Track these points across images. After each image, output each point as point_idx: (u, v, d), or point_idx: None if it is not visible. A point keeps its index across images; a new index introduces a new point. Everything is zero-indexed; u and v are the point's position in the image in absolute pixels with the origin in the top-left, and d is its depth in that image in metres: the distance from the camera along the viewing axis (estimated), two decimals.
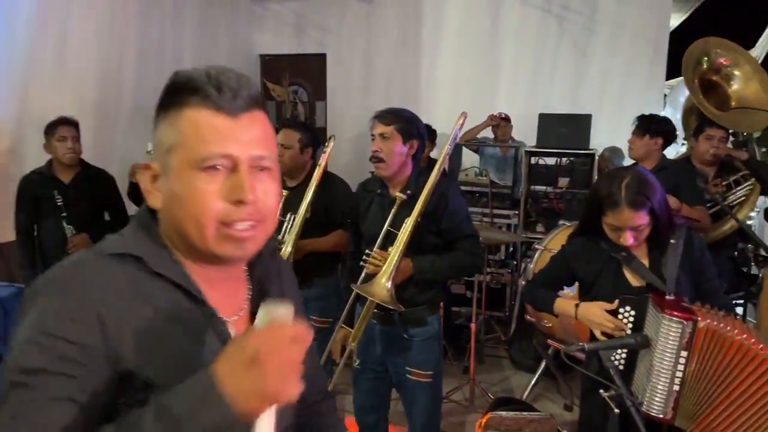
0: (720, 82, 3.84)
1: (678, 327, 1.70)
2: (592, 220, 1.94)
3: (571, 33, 5.46)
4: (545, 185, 4.72)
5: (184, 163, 0.83)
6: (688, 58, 3.70)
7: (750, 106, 3.71)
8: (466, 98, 5.42)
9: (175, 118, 0.84)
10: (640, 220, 1.82)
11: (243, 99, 0.84)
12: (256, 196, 0.83)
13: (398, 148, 2.21)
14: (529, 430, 2.84)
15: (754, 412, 1.66)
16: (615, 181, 1.85)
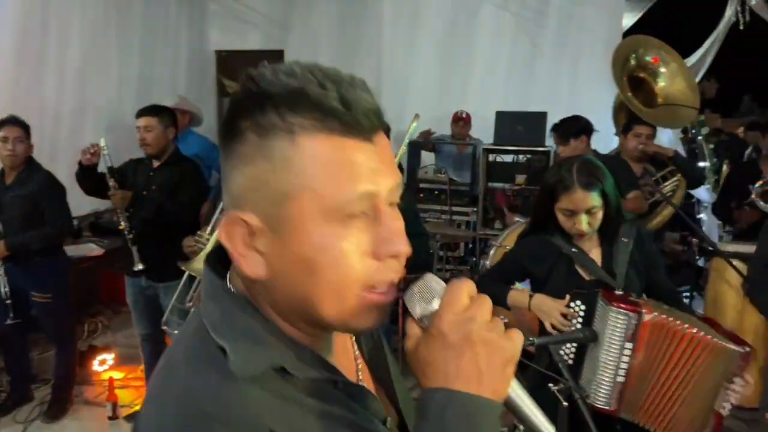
0: (647, 79, 3.93)
1: (624, 319, 1.72)
2: (545, 212, 1.95)
3: (528, 32, 5.53)
4: (503, 182, 4.77)
5: (316, 213, 0.59)
6: (617, 56, 3.78)
7: (676, 102, 3.81)
8: (424, 96, 5.43)
9: (281, 150, 0.59)
10: (592, 201, 1.84)
11: (373, 112, 0.61)
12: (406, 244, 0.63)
13: None
14: None
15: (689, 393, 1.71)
16: (565, 167, 1.88)
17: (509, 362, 0.61)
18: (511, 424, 2.81)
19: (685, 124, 4.11)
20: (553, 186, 1.88)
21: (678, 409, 1.73)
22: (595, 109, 4.01)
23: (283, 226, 0.60)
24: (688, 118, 3.95)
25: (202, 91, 5.89)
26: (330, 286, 0.61)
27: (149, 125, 3.07)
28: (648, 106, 3.73)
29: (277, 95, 0.59)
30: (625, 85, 3.75)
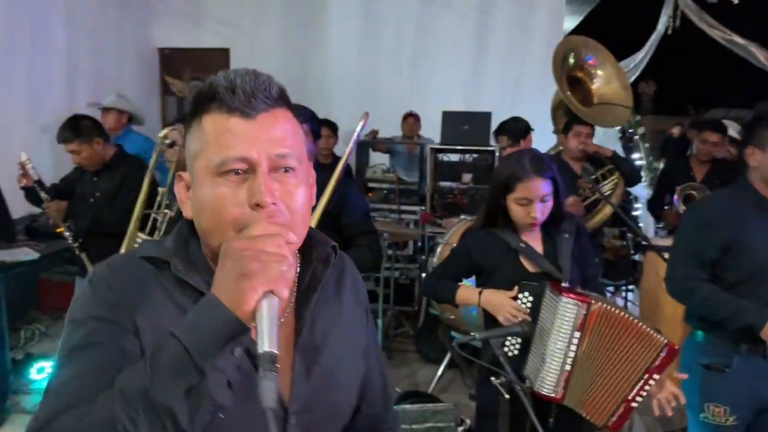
0: (584, 78, 4.06)
1: (574, 309, 1.79)
2: (497, 206, 1.99)
3: (473, 33, 5.64)
4: (451, 181, 4.83)
5: (205, 169, 0.82)
6: (557, 55, 3.89)
7: (610, 102, 3.95)
8: (373, 95, 5.46)
9: (196, 127, 0.84)
10: (546, 188, 1.92)
11: (260, 99, 0.82)
12: (276, 199, 0.80)
13: (311, 146, 2.20)
14: (433, 421, 2.90)
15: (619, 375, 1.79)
16: (516, 160, 1.96)
17: (245, 276, 0.72)
18: (458, 419, 2.87)
19: (620, 124, 4.28)
20: (507, 178, 1.94)
21: (607, 394, 1.81)
22: (538, 110, 4.12)
23: (193, 180, 0.85)
24: (623, 118, 4.10)
25: (146, 90, 5.74)
26: (212, 224, 0.82)
27: (74, 150, 3.01)
28: (585, 105, 3.86)
29: (202, 91, 0.85)
30: (564, 84, 3.86)
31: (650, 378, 1.79)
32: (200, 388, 0.70)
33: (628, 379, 1.79)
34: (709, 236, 2.01)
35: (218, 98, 0.82)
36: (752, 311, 1.92)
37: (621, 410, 1.82)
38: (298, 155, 0.85)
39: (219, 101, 0.82)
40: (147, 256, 0.87)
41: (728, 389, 2.01)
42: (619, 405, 1.82)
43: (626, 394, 1.80)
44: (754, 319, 1.90)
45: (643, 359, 1.77)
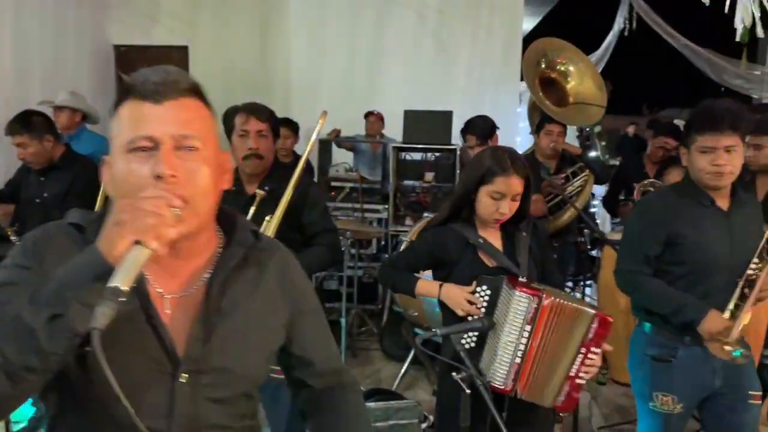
0: (558, 79, 4.15)
1: (526, 302, 1.83)
2: (465, 199, 2.02)
3: (434, 33, 5.69)
4: (413, 180, 4.86)
5: (119, 148, 0.94)
6: (528, 57, 3.97)
7: (585, 101, 4.05)
8: (335, 94, 5.45)
9: (116, 115, 0.97)
10: (520, 188, 1.96)
11: (168, 88, 0.94)
12: (176, 172, 0.90)
13: (272, 145, 2.21)
14: (396, 418, 2.91)
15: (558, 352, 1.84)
16: (495, 154, 1.99)
17: (117, 225, 0.83)
18: (421, 416, 2.90)
19: (594, 122, 4.39)
20: (486, 170, 1.95)
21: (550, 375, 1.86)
22: (498, 109, 4.20)
23: (111, 158, 0.97)
24: (597, 116, 4.20)
25: (101, 88, 5.59)
26: (122, 194, 0.92)
27: (22, 143, 2.91)
28: (560, 106, 3.94)
29: (125, 84, 0.97)
30: (537, 87, 3.93)
31: (588, 352, 1.83)
32: (65, 317, 0.81)
33: (568, 356, 1.84)
34: (653, 231, 2.08)
35: (134, 89, 0.94)
36: (693, 307, 1.98)
37: (566, 388, 1.87)
38: (202, 139, 0.95)
39: (134, 91, 0.94)
40: (72, 222, 1.00)
41: (674, 379, 2.08)
42: (562, 383, 1.86)
43: (567, 370, 1.85)
44: (694, 314, 1.97)
45: (578, 334, 1.82)
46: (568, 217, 3.58)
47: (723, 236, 2.01)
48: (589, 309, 1.84)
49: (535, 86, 3.89)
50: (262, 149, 2.15)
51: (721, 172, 1.96)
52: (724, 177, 1.97)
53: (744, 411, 2.08)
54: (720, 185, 2.00)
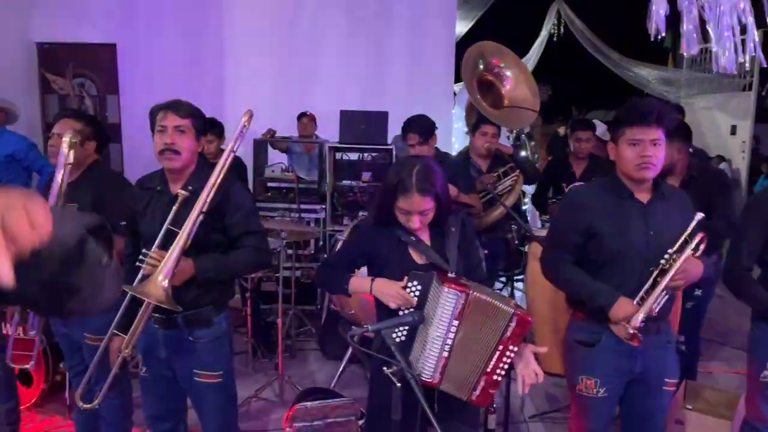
0: (495, 82, 4.29)
1: (454, 298, 1.89)
2: (387, 205, 2.06)
3: (370, 34, 5.75)
4: (350, 180, 4.89)
5: None
6: (467, 60, 4.08)
7: (519, 105, 4.20)
8: (270, 96, 5.41)
9: None
10: (426, 205, 1.99)
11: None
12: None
13: (192, 142, 2.15)
14: (333, 416, 2.94)
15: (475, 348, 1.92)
16: (406, 169, 2.00)
17: None
18: (358, 412, 2.93)
19: (527, 125, 4.55)
20: (394, 186, 1.99)
21: (468, 369, 1.93)
22: (433, 109, 4.26)
23: None
24: (530, 120, 4.35)
25: (23, 87, 5.33)
26: None
27: None
28: (495, 108, 4.06)
29: None
30: (475, 89, 4.04)
31: (506, 349, 1.92)
32: None
33: (485, 351, 1.92)
34: (575, 223, 2.19)
35: None
36: (604, 293, 2.10)
37: (482, 383, 1.94)
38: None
39: None
40: None
41: (597, 362, 2.19)
42: (478, 378, 1.94)
43: (484, 366, 1.93)
44: (605, 301, 2.09)
45: (496, 331, 1.90)
46: (498, 214, 3.70)
47: (640, 227, 2.12)
48: (508, 307, 1.91)
49: (473, 87, 4.00)
50: (178, 145, 2.10)
51: (647, 164, 2.06)
52: (650, 169, 2.07)
53: (658, 397, 2.22)
54: (646, 177, 2.09)
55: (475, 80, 4.14)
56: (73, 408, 2.83)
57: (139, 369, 2.28)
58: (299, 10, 5.66)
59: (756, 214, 2.40)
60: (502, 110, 4.15)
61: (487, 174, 3.87)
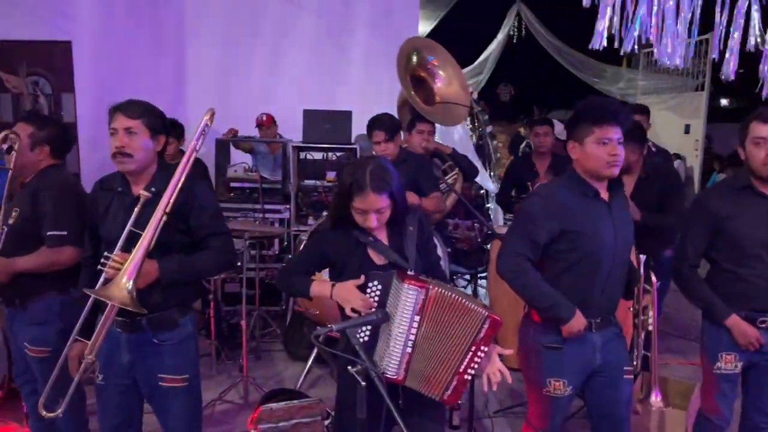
0: (427, 79, 4.33)
1: (414, 294, 1.91)
2: (343, 207, 2.06)
3: (333, 33, 5.73)
4: (315, 179, 4.88)
5: None
6: (400, 55, 4.10)
7: (450, 101, 4.24)
8: (230, 94, 5.36)
9: None
10: (382, 203, 1.99)
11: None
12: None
13: (145, 143, 2.10)
14: (299, 416, 2.92)
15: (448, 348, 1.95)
16: (360, 169, 1.99)
17: None
18: (324, 412, 2.93)
19: (459, 122, 4.61)
20: (348, 187, 1.99)
21: (441, 368, 1.95)
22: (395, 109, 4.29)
23: None
24: (462, 116, 4.41)
25: None
26: None
27: None
28: (427, 104, 4.08)
29: None
30: (409, 83, 4.05)
31: (478, 350, 1.94)
32: None
33: (458, 351, 1.94)
34: (541, 222, 2.17)
35: None
36: (565, 308, 2.14)
37: (455, 383, 1.97)
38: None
39: None
40: None
41: (565, 364, 2.22)
42: (452, 378, 1.96)
43: (457, 366, 1.95)
44: (565, 314, 2.13)
45: (469, 332, 1.93)
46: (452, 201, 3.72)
47: (608, 225, 2.17)
48: (483, 309, 1.94)
49: (407, 82, 4.02)
50: (129, 147, 2.05)
51: (617, 162, 2.11)
52: (618, 167, 2.13)
53: (620, 386, 2.27)
54: (614, 174, 2.14)
55: (408, 75, 4.16)
56: (30, 415, 2.75)
57: (95, 376, 2.22)
58: (262, 8, 5.60)
59: (700, 211, 2.48)
60: (434, 106, 4.17)
61: None
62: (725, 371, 2.47)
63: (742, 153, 2.40)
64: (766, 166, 2.30)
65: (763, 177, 2.34)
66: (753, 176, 2.37)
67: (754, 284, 2.37)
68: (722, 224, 2.40)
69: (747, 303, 2.39)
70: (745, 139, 2.36)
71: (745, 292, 2.39)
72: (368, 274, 2.00)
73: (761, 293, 2.37)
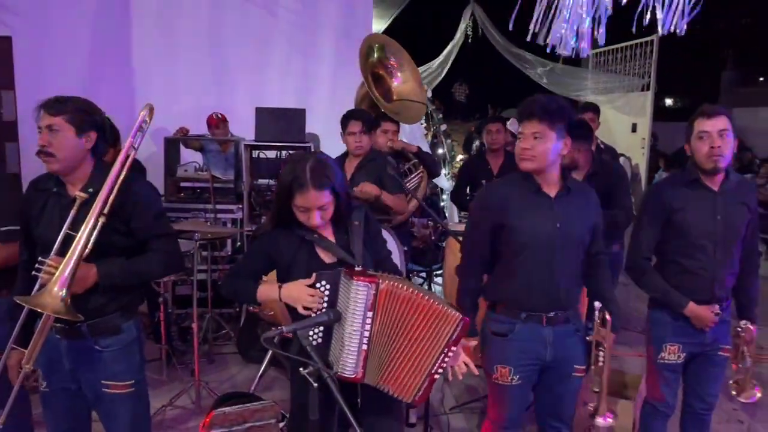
0: (385, 76, 4.35)
1: (364, 290, 1.89)
2: (284, 206, 2.02)
3: (287, 32, 5.67)
4: (268, 178, 4.80)
5: None
6: (361, 51, 4.11)
7: (408, 98, 4.28)
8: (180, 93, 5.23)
9: None
10: (324, 199, 1.96)
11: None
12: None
13: (70, 141, 1.99)
14: (253, 420, 2.87)
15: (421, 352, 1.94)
16: (299, 165, 1.95)
17: None
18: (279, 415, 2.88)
19: (419, 120, 4.66)
20: (288, 184, 1.95)
21: (409, 368, 1.94)
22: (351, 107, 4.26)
23: None
24: (420, 114, 4.45)
25: None
26: None
27: None
28: (385, 102, 4.09)
29: None
30: (370, 80, 4.06)
31: (449, 351, 1.96)
32: None
33: (432, 354, 1.94)
34: (485, 218, 2.27)
35: None
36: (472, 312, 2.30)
37: (426, 384, 1.97)
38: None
39: None
40: None
41: (511, 351, 2.27)
42: (425, 380, 1.96)
43: (431, 368, 1.95)
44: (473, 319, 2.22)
45: (444, 335, 1.93)
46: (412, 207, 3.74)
47: (547, 220, 2.21)
48: (456, 313, 1.94)
49: (368, 79, 4.03)
50: (51, 146, 1.96)
51: (525, 156, 2.17)
52: (527, 160, 2.17)
53: (568, 382, 2.33)
54: (525, 168, 2.20)
55: (369, 73, 4.17)
56: None
57: (39, 384, 2.13)
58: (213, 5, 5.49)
59: (652, 205, 2.57)
60: (392, 104, 4.21)
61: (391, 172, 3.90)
62: (668, 361, 2.55)
63: (689, 149, 2.48)
64: (709, 159, 2.38)
65: (708, 170, 2.42)
66: (700, 170, 2.45)
67: (699, 275, 2.46)
68: (672, 216, 2.48)
69: (691, 294, 2.47)
70: (690, 135, 2.45)
71: (690, 282, 2.47)
72: (316, 275, 1.97)
73: (705, 284, 2.46)
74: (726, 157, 2.38)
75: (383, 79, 4.27)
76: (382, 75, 4.26)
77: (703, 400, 2.62)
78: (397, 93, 4.26)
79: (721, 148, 2.35)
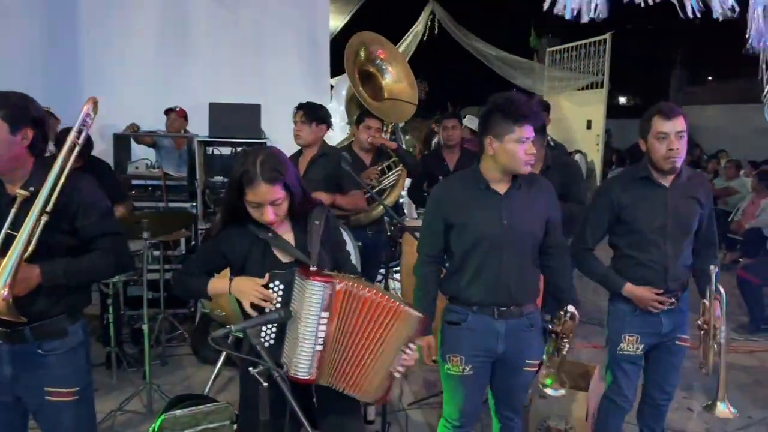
0: (375, 73, 4.32)
1: (320, 290, 1.84)
2: (235, 203, 1.96)
3: (243, 27, 5.58)
4: (222, 175, 4.69)
5: None
6: (349, 49, 4.07)
7: (399, 98, 4.26)
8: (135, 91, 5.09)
9: None
10: (276, 194, 1.91)
11: None
12: None
13: (3, 138, 1.88)
14: (206, 422, 2.80)
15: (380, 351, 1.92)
16: (249, 159, 1.90)
17: None
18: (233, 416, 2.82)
19: (406, 118, 4.66)
20: (239, 179, 1.90)
21: (368, 369, 1.92)
22: None
23: None
24: (409, 114, 4.43)
25: None
26: None
27: None
28: (376, 100, 4.06)
29: None
30: (357, 79, 4.02)
31: (407, 348, 1.95)
32: None
33: (390, 353, 1.92)
34: (438, 215, 2.27)
35: None
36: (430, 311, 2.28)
37: (386, 383, 1.96)
38: None
39: None
40: None
41: (462, 340, 2.28)
42: (384, 379, 1.94)
43: (390, 368, 1.93)
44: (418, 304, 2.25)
45: (404, 334, 1.92)
46: (380, 211, 3.72)
47: (494, 218, 2.21)
48: (415, 312, 1.93)
49: (355, 78, 3.99)
50: None
51: (532, 161, 2.18)
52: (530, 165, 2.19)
53: (519, 376, 2.35)
54: (526, 171, 2.19)
55: (356, 70, 4.13)
56: None
57: None
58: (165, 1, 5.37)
59: (601, 199, 2.61)
60: (382, 102, 4.18)
61: (371, 168, 3.87)
62: (627, 352, 2.60)
63: (643, 145, 2.50)
64: (667, 161, 2.42)
65: (665, 171, 2.46)
66: (653, 168, 2.49)
67: (652, 268, 2.51)
68: (622, 212, 2.52)
69: (646, 285, 2.52)
70: (647, 133, 2.46)
71: (644, 275, 2.52)
72: (269, 275, 1.92)
73: (658, 276, 2.51)
74: (682, 157, 2.43)
75: (374, 77, 4.23)
76: (372, 72, 4.22)
77: (663, 390, 2.67)
78: (388, 91, 4.23)
79: (679, 150, 2.39)
